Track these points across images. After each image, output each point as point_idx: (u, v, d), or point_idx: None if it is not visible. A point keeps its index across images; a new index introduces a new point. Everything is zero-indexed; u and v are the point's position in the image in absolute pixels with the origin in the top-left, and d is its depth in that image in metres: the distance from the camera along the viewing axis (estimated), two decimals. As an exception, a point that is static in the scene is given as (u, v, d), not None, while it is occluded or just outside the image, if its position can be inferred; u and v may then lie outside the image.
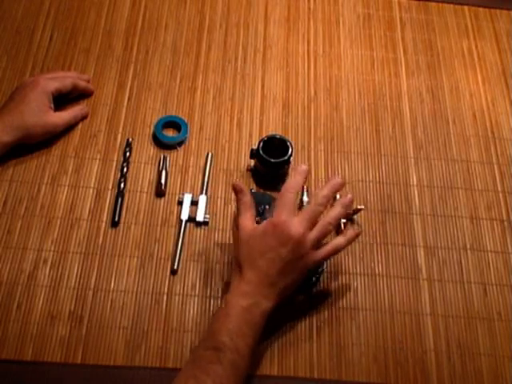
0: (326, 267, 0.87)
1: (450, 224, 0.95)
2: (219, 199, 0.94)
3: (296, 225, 0.77)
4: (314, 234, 0.78)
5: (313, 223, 0.78)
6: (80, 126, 0.98)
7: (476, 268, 0.91)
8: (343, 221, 0.91)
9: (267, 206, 0.90)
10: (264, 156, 0.92)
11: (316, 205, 0.79)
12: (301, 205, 0.93)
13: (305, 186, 0.94)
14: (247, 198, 0.81)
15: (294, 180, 0.81)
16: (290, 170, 0.96)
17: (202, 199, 0.92)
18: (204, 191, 0.93)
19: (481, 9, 1.21)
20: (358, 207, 0.92)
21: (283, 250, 0.76)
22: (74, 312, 0.82)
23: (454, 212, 0.96)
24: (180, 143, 0.98)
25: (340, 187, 0.82)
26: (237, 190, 0.81)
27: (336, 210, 0.81)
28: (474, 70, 1.13)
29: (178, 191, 0.94)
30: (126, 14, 1.12)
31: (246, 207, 0.81)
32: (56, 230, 0.88)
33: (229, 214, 0.92)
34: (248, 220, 0.80)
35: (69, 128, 0.97)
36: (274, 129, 1.01)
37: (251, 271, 0.76)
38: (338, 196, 0.93)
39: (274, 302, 0.76)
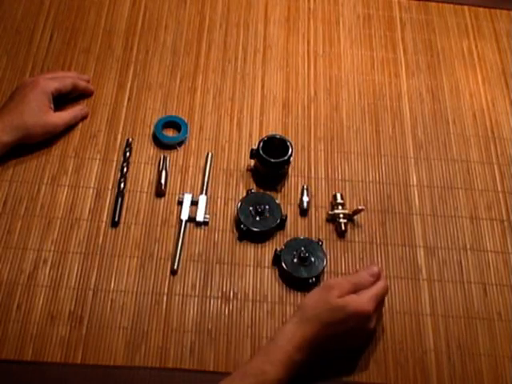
0: (326, 266, 0.87)
1: (450, 224, 0.95)
2: (219, 199, 0.94)
3: (374, 319, 0.78)
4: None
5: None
6: (80, 125, 0.98)
7: (476, 268, 0.91)
8: (344, 221, 0.91)
9: (267, 206, 0.91)
10: (264, 156, 0.92)
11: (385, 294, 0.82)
12: (301, 203, 0.93)
13: (305, 185, 0.95)
14: (362, 282, 0.80)
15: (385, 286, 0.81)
16: (289, 169, 0.96)
17: (202, 199, 0.92)
18: (204, 191, 0.93)
19: (481, 9, 1.21)
20: (359, 208, 0.92)
21: (349, 335, 0.78)
22: (74, 312, 0.82)
23: (454, 212, 0.96)
24: (180, 143, 0.98)
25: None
26: (375, 275, 0.81)
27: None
28: (474, 70, 1.13)
29: (178, 191, 0.94)
30: (126, 14, 1.12)
31: (356, 286, 0.79)
32: (56, 230, 0.88)
33: (229, 214, 0.92)
34: (346, 284, 0.79)
35: (69, 128, 0.97)
36: (273, 129, 1.01)
37: (316, 331, 0.75)
38: (338, 195, 0.93)
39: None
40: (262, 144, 0.93)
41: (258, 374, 0.73)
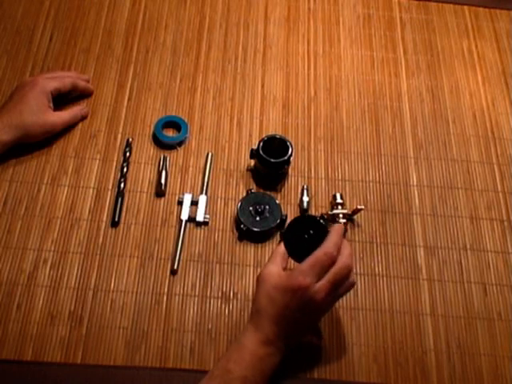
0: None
1: (450, 224, 0.95)
2: (219, 199, 0.94)
3: (320, 293, 0.73)
4: (330, 297, 0.75)
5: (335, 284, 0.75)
6: (80, 126, 0.98)
7: (476, 268, 0.91)
8: (343, 221, 0.91)
9: (267, 206, 0.91)
10: (264, 156, 0.92)
11: (342, 268, 0.74)
12: (301, 203, 0.93)
13: (305, 185, 0.95)
14: (281, 248, 0.78)
15: (332, 241, 0.75)
16: (289, 169, 0.96)
17: (202, 199, 0.92)
18: (204, 191, 0.93)
19: (481, 9, 1.21)
20: (358, 207, 0.92)
21: (301, 314, 0.74)
22: (74, 312, 0.82)
23: (454, 212, 0.96)
24: (180, 143, 0.98)
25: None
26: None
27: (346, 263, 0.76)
28: (474, 70, 1.13)
29: (178, 191, 0.94)
30: (126, 14, 1.12)
31: (276, 254, 0.78)
32: (56, 230, 0.88)
33: (229, 214, 0.92)
34: (274, 268, 0.76)
35: (69, 128, 0.97)
36: (274, 129, 1.01)
37: (269, 322, 0.74)
38: (338, 195, 0.93)
39: (284, 353, 0.76)
40: (262, 144, 0.93)
41: (224, 373, 0.72)
